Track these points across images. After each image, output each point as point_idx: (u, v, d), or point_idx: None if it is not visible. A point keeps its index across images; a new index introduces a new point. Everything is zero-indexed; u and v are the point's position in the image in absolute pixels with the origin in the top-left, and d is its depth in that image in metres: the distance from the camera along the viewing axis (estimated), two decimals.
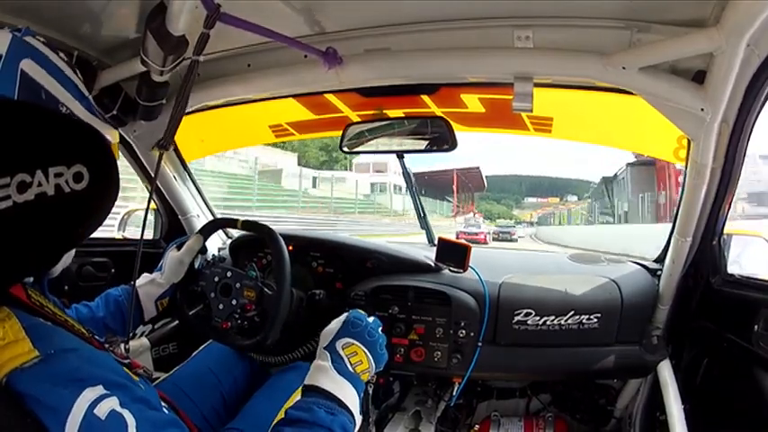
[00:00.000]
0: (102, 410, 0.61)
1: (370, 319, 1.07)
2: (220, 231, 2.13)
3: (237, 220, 1.48)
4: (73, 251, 0.85)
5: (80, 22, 1.28)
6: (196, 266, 1.45)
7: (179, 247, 1.43)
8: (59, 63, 0.74)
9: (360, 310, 1.09)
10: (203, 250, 1.48)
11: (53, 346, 0.64)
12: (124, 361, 0.86)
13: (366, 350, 1.00)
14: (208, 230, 1.48)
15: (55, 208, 0.67)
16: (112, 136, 0.80)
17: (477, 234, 22.55)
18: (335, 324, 1.03)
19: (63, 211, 0.68)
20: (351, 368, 0.96)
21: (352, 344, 0.99)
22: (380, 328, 1.08)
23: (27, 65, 0.69)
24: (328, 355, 0.97)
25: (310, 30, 1.38)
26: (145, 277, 1.37)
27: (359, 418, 0.93)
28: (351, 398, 0.92)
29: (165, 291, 1.37)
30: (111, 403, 0.63)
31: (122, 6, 1.23)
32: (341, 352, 0.98)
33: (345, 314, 1.06)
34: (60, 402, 0.60)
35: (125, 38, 1.37)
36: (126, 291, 1.32)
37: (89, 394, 0.62)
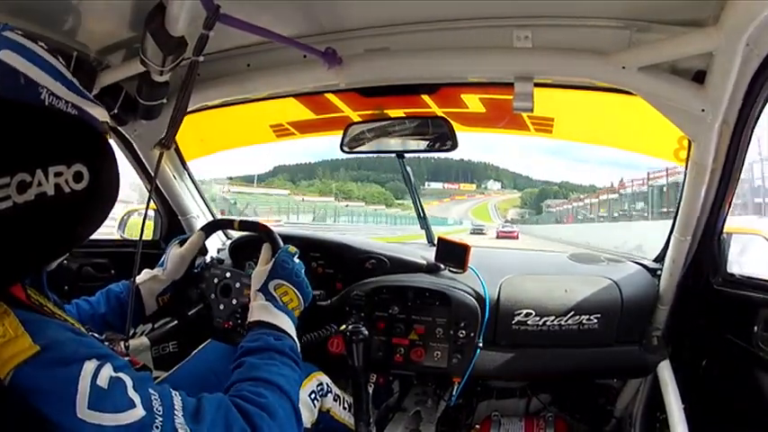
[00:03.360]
0: (102, 380, 0.65)
1: (296, 260, 1.17)
2: (220, 233, 2.13)
3: (234, 220, 1.48)
4: None
5: (79, 23, 1.28)
6: (195, 268, 1.45)
7: (181, 244, 1.43)
8: (39, 50, 0.73)
9: (289, 250, 1.17)
10: (203, 251, 1.47)
11: (50, 337, 0.66)
12: (123, 358, 0.86)
13: (295, 289, 1.12)
14: (208, 230, 1.49)
15: (55, 208, 0.66)
16: (101, 114, 0.80)
17: (511, 232, 29.48)
18: (266, 266, 1.13)
19: (63, 212, 0.68)
20: (284, 306, 1.08)
21: (283, 285, 1.10)
22: (303, 271, 1.18)
23: (5, 54, 0.68)
24: (262, 295, 1.08)
25: (310, 30, 1.38)
26: (146, 273, 1.37)
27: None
28: (290, 328, 1.05)
29: (167, 287, 1.37)
30: (108, 371, 0.66)
31: (121, 7, 1.23)
32: (273, 293, 1.09)
33: (268, 252, 1.17)
34: (65, 385, 0.63)
35: (124, 38, 1.37)
36: (127, 286, 1.32)
37: (88, 367, 0.65)
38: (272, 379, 0.89)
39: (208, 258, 1.52)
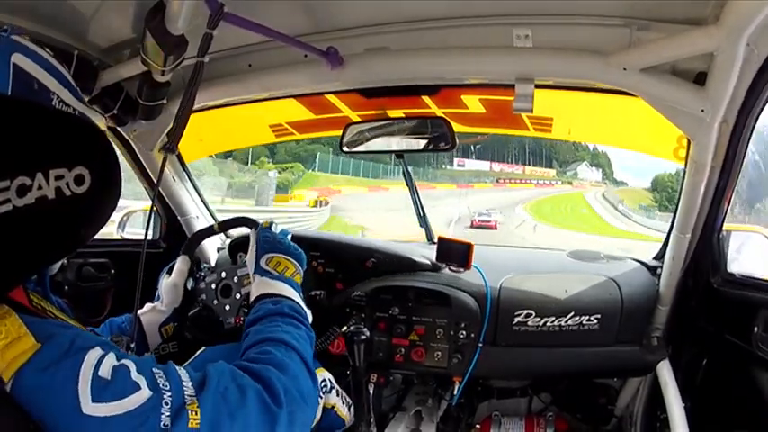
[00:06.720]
0: (105, 370, 0.64)
1: (277, 230, 1.18)
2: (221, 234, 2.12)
3: (213, 226, 1.49)
4: None
5: (80, 22, 1.27)
6: (188, 287, 1.44)
7: (169, 272, 1.43)
8: (45, 55, 0.74)
9: (263, 225, 1.20)
10: (191, 270, 1.47)
11: (50, 334, 0.65)
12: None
13: (285, 256, 1.12)
14: (190, 248, 1.48)
15: (56, 211, 0.66)
16: (99, 123, 0.80)
17: (488, 221, 24.54)
18: (251, 249, 1.15)
19: (64, 215, 0.68)
20: (280, 275, 1.08)
21: (273, 257, 1.11)
22: (289, 237, 1.20)
23: (18, 58, 0.69)
24: (258, 275, 1.09)
25: (311, 29, 1.38)
26: (146, 306, 1.37)
27: (309, 311, 1.05)
28: (291, 293, 1.05)
29: (168, 317, 1.37)
30: (111, 360, 0.66)
31: (122, 6, 1.23)
32: (266, 267, 1.09)
33: (253, 236, 1.18)
34: (67, 380, 0.62)
35: (125, 37, 1.37)
36: (129, 318, 1.32)
37: (90, 359, 0.64)
38: (276, 336, 0.89)
39: (202, 268, 1.51)
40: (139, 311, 1.32)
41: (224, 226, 1.47)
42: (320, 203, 24.50)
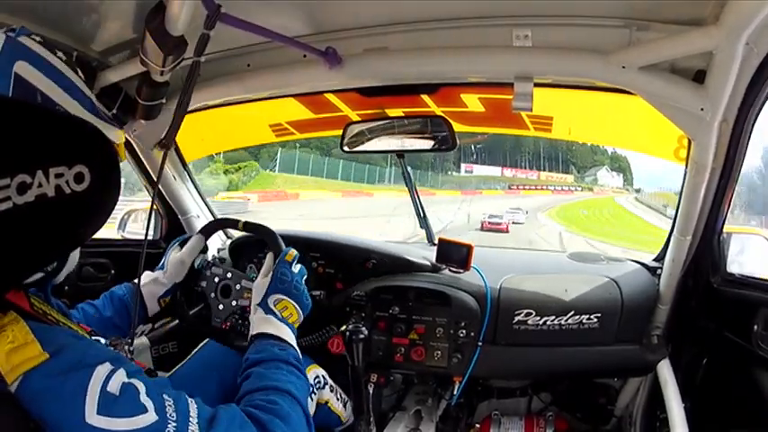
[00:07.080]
0: (113, 386, 0.65)
1: (296, 269, 1.18)
2: (220, 231, 2.13)
3: (239, 220, 1.48)
4: (77, 255, 0.86)
5: (79, 22, 1.27)
6: (196, 266, 1.45)
7: (181, 246, 1.43)
8: (57, 63, 0.73)
9: (287, 258, 1.18)
10: (204, 250, 1.48)
11: (59, 343, 0.66)
12: (136, 365, 0.87)
13: (294, 303, 1.14)
14: (209, 230, 1.48)
15: (56, 209, 0.66)
16: (117, 136, 0.80)
17: (499, 224, 22.31)
18: (266, 278, 1.14)
19: (64, 213, 0.68)
20: (284, 319, 1.11)
21: (282, 299, 1.12)
22: (304, 278, 1.20)
23: (21, 67, 0.68)
24: (262, 310, 1.10)
25: (309, 29, 1.38)
26: (147, 275, 1.38)
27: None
28: (292, 339, 1.08)
29: (168, 289, 1.38)
30: (121, 377, 0.67)
31: (121, 6, 1.22)
32: (273, 308, 1.11)
33: (273, 267, 1.17)
34: (75, 391, 0.63)
35: (124, 38, 1.37)
36: (129, 289, 1.33)
37: (99, 373, 0.65)
38: (282, 386, 0.90)
39: (209, 257, 1.52)
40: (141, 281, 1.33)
41: (248, 227, 1.46)
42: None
